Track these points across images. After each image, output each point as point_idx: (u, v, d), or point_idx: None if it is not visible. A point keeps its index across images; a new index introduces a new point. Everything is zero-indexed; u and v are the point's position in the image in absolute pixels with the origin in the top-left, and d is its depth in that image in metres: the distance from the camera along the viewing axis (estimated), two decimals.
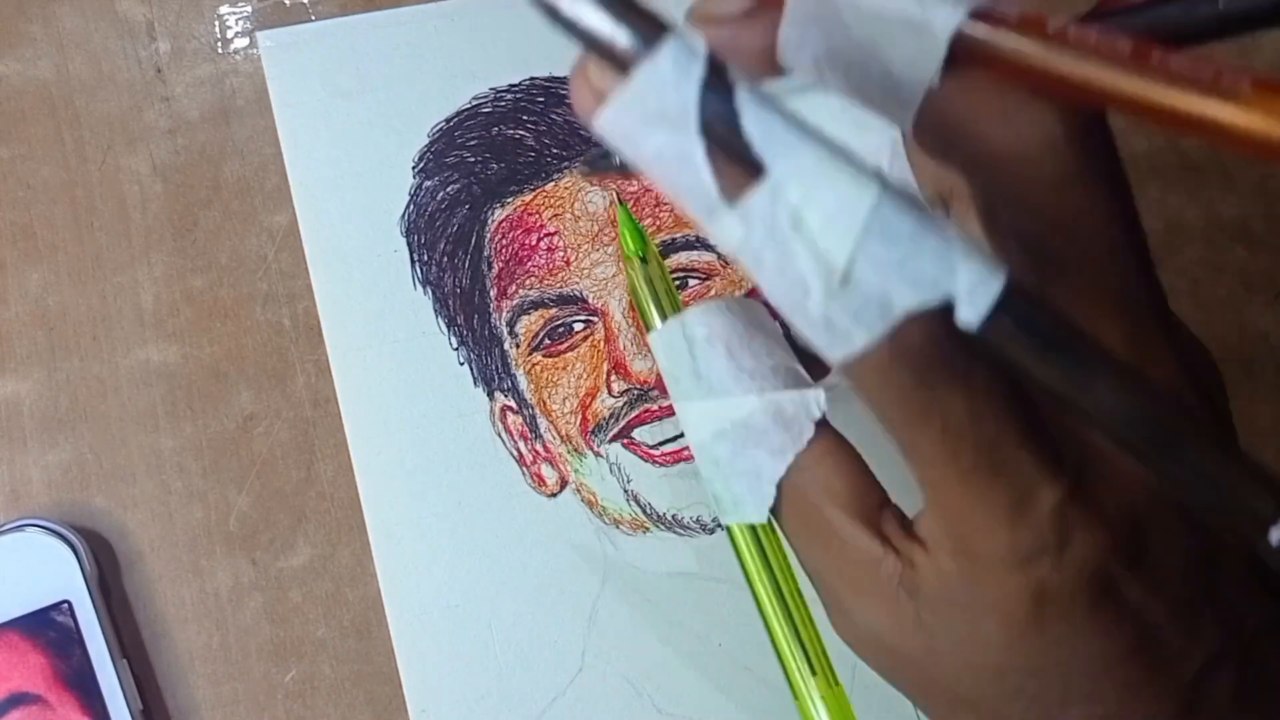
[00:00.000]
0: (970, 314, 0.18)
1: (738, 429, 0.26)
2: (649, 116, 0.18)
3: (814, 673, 0.27)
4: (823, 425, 0.25)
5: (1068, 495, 0.20)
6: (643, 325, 0.30)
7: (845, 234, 0.18)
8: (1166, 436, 0.18)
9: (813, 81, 0.22)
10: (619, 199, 0.33)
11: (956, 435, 0.20)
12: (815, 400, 0.26)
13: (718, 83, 0.18)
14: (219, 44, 0.44)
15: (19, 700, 0.35)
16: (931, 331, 0.19)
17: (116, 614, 0.37)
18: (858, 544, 0.23)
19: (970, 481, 0.20)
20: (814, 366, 0.28)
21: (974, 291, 0.18)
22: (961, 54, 0.20)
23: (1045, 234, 0.21)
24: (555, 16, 0.18)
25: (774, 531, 0.27)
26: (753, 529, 0.27)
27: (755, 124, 0.18)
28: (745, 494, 0.26)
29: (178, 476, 0.39)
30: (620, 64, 0.18)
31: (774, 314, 0.28)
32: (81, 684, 0.35)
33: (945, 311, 0.18)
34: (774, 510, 0.25)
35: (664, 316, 0.30)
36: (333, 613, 0.39)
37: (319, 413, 0.40)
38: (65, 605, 0.36)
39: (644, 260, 0.30)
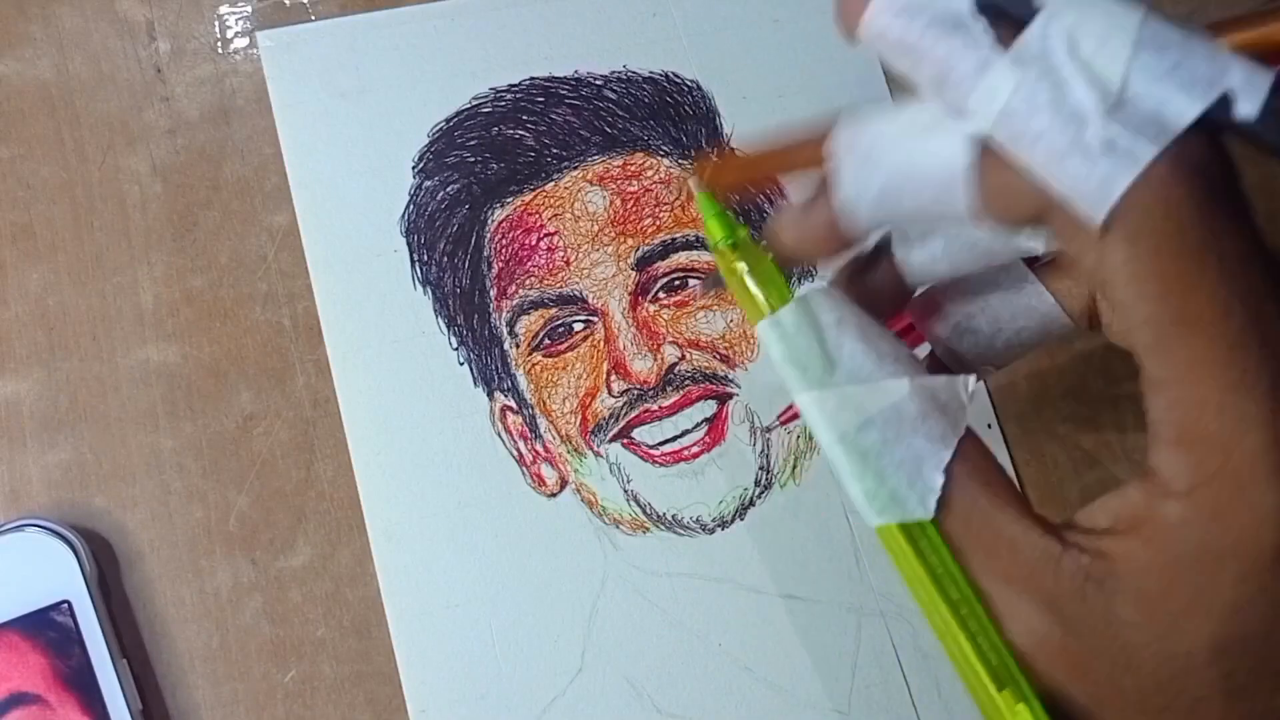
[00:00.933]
0: (1249, 106, 0.18)
1: (889, 415, 0.23)
2: None
3: (1000, 687, 0.23)
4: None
5: None
6: (747, 314, 0.27)
7: (1119, 49, 0.19)
8: None
9: (880, 219, 0.24)
10: (695, 184, 0.30)
11: (1230, 285, 0.18)
12: (965, 385, 0.24)
13: None
14: (219, 44, 0.43)
15: (19, 700, 0.35)
16: (1211, 151, 0.19)
17: (116, 614, 0.37)
18: (1031, 541, 0.22)
19: (1236, 352, 0.18)
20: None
21: (1248, 85, 0.19)
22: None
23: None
24: None
25: (927, 531, 0.23)
26: (906, 530, 0.23)
27: None
28: (904, 488, 0.23)
29: (178, 476, 0.39)
30: None
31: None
32: (81, 684, 0.35)
33: (1220, 135, 0.19)
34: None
35: (770, 306, 0.26)
36: (333, 613, 0.39)
37: (319, 413, 0.40)
38: (65, 605, 0.35)
39: (735, 247, 0.27)
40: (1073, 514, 0.23)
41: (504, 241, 0.42)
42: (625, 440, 0.41)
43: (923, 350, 0.28)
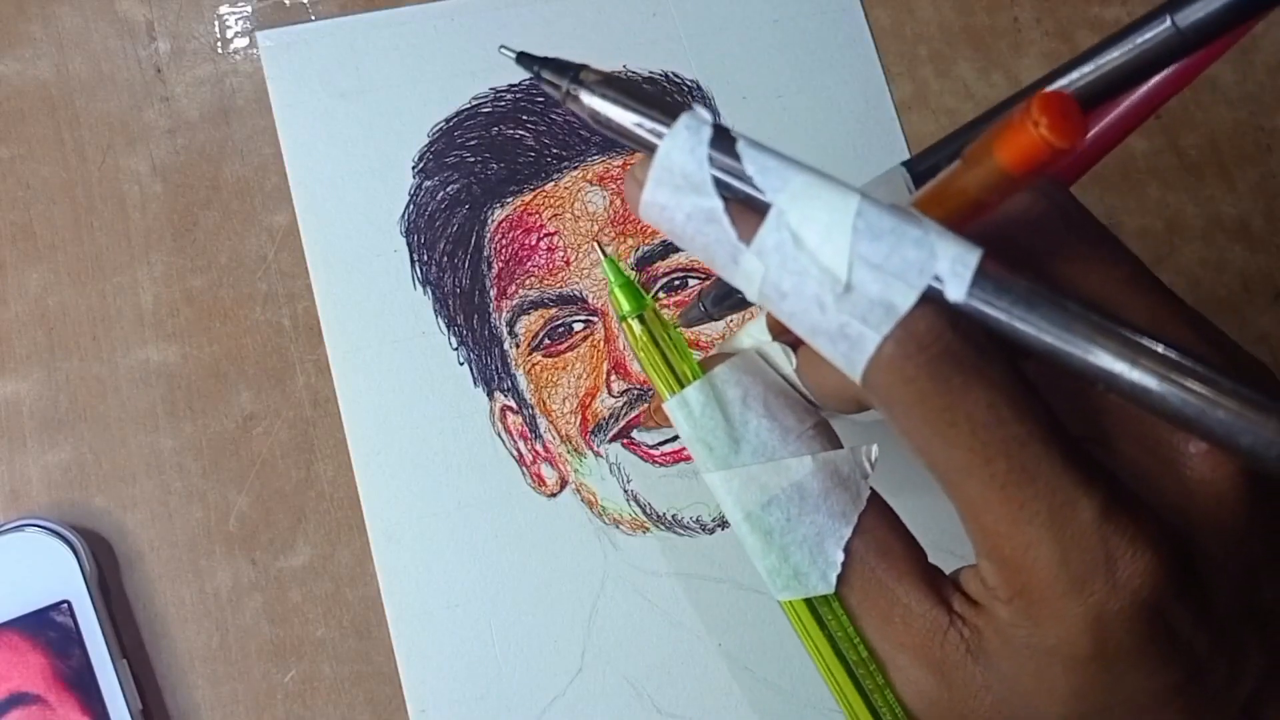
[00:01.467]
0: (957, 289, 0.20)
1: (792, 494, 0.24)
2: (677, 185, 0.22)
3: None
4: (872, 491, 0.25)
5: (1106, 504, 0.20)
6: (656, 390, 0.27)
7: (840, 240, 0.20)
8: (1169, 372, 0.19)
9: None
10: (603, 251, 0.31)
11: (984, 436, 0.20)
12: (868, 455, 0.25)
13: (722, 138, 0.22)
14: (219, 44, 0.43)
15: (19, 700, 0.35)
16: (936, 323, 0.20)
17: (116, 614, 0.37)
18: (922, 612, 0.23)
19: (1007, 493, 0.20)
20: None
21: (955, 267, 0.20)
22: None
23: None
24: (603, 125, 0.23)
25: (830, 600, 0.24)
26: (808, 602, 0.24)
27: (753, 163, 0.21)
28: (806, 564, 0.24)
29: (177, 476, 0.39)
30: (650, 150, 0.22)
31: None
32: (81, 684, 0.35)
33: (945, 306, 0.20)
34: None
35: (678, 380, 0.27)
36: (333, 613, 0.39)
37: (319, 412, 0.40)
38: (65, 605, 0.35)
39: (642, 320, 0.27)
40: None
41: (504, 241, 0.42)
42: (625, 440, 0.41)
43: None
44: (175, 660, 0.37)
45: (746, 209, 0.22)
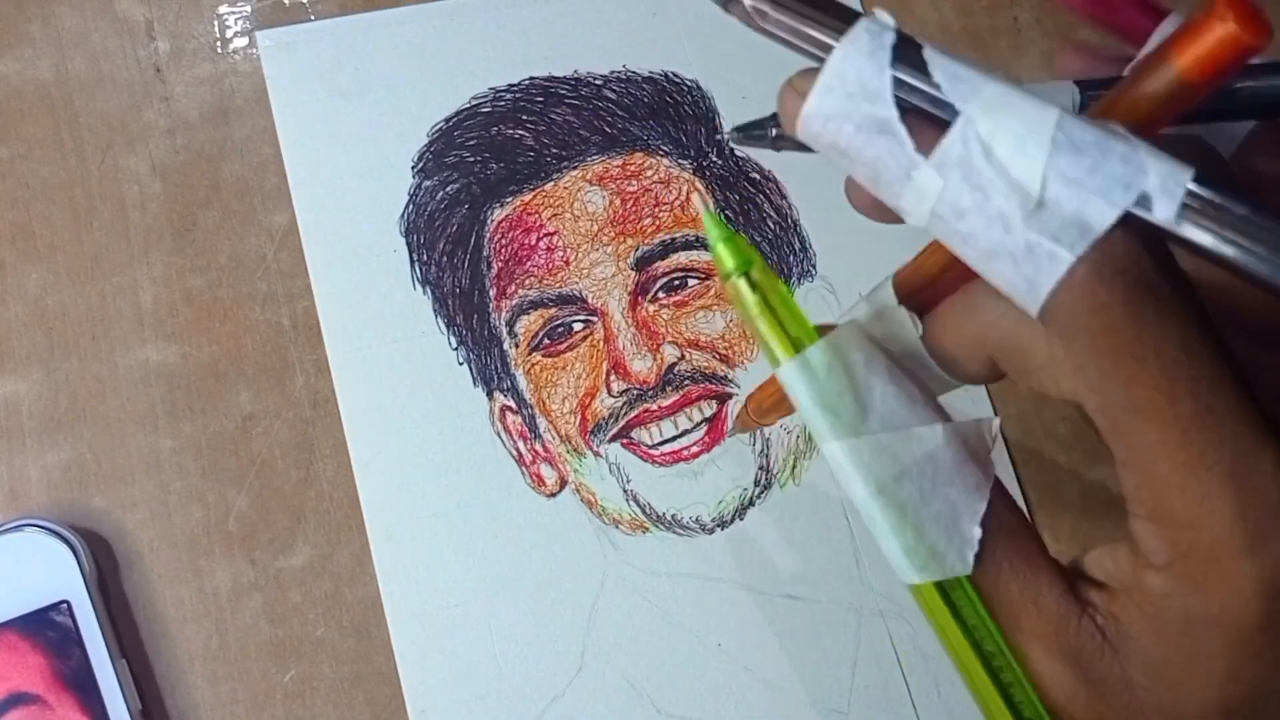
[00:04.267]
0: (1167, 208, 0.19)
1: (924, 466, 0.22)
2: (849, 94, 0.21)
3: None
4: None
5: None
6: (768, 352, 0.24)
7: (1035, 153, 0.19)
8: None
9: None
10: (704, 204, 0.29)
11: (1173, 374, 0.18)
12: (990, 429, 0.23)
13: (905, 46, 0.21)
14: (218, 44, 0.43)
15: (18, 700, 0.35)
16: (1134, 248, 0.19)
17: (115, 614, 0.37)
18: (1051, 599, 0.22)
19: (1189, 437, 0.19)
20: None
21: (1165, 185, 0.19)
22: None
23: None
24: (757, 22, 0.22)
25: (964, 583, 0.22)
26: (940, 585, 0.22)
27: (942, 71, 0.20)
28: (943, 542, 0.22)
29: (177, 476, 0.39)
30: (819, 54, 0.21)
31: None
32: (80, 684, 0.35)
33: (1145, 232, 0.19)
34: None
35: (793, 343, 0.23)
36: (332, 613, 0.39)
37: (318, 412, 0.40)
38: (64, 605, 0.35)
39: (749, 279, 0.24)
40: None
41: (503, 241, 0.42)
42: (625, 440, 0.41)
43: None
44: (175, 660, 0.37)
45: (924, 122, 0.20)
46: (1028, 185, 0.19)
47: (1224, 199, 0.19)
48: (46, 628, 0.35)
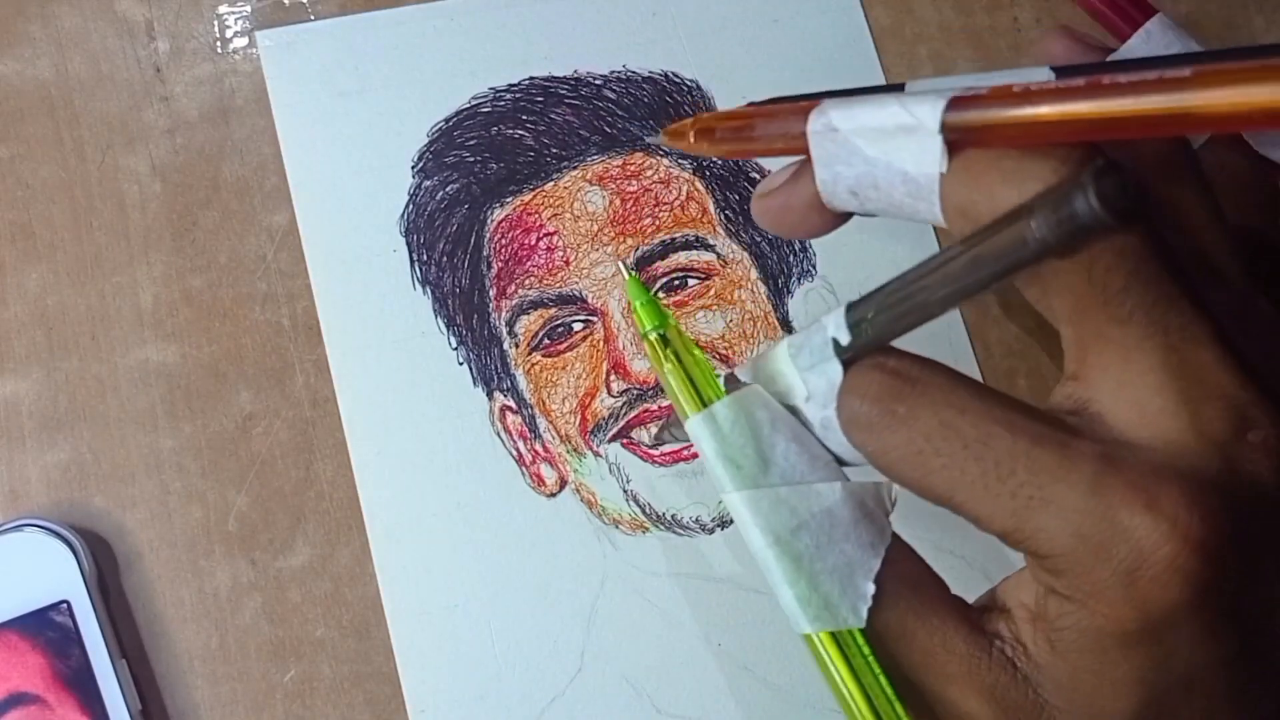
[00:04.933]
0: (840, 333, 0.23)
1: (822, 520, 0.23)
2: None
3: None
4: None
5: (1096, 474, 0.20)
6: (680, 409, 0.26)
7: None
8: None
9: (856, 208, 0.25)
10: (626, 270, 0.31)
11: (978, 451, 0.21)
12: (889, 492, 0.24)
13: None
14: (218, 43, 0.43)
15: (18, 700, 0.35)
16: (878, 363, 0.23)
17: (115, 614, 0.37)
18: (961, 639, 0.22)
19: (991, 491, 0.21)
20: None
21: (835, 324, 0.23)
22: (956, 139, 0.22)
23: (1068, 292, 0.22)
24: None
25: (856, 635, 0.23)
26: (832, 636, 0.24)
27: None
28: (837, 595, 0.23)
29: (177, 476, 0.39)
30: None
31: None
32: (80, 684, 0.35)
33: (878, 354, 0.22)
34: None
35: (702, 400, 0.26)
36: (332, 613, 0.39)
37: (318, 412, 0.40)
38: (64, 605, 0.35)
39: (664, 339, 0.26)
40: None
41: (503, 241, 0.42)
42: (625, 440, 0.41)
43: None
44: (174, 660, 0.37)
45: None
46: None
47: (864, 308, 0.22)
48: (46, 628, 0.35)
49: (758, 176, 0.44)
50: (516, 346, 0.42)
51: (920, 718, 0.23)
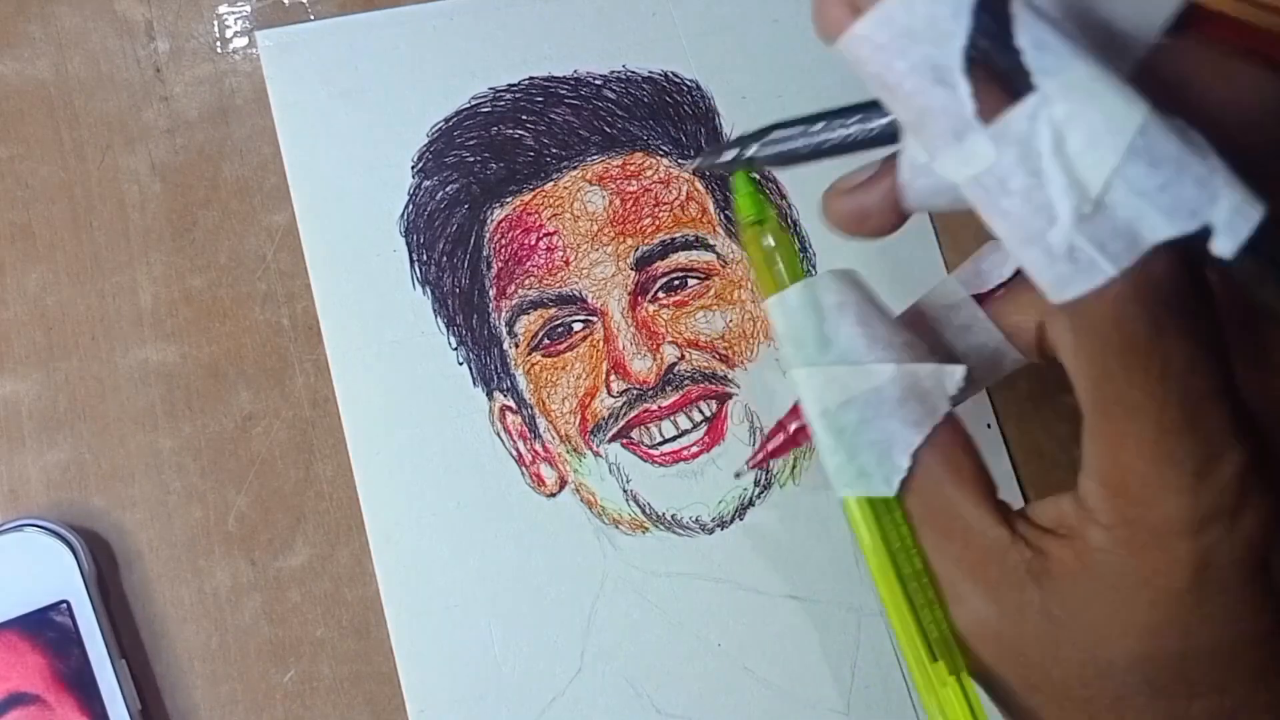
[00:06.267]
0: (1227, 245, 0.18)
1: (869, 397, 0.24)
2: (912, 29, 0.18)
3: (934, 659, 0.24)
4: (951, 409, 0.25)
5: (1249, 462, 0.20)
6: (761, 290, 0.28)
7: (1108, 154, 0.18)
8: None
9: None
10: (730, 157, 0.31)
11: (1171, 385, 0.19)
12: (952, 376, 0.24)
13: None
14: (218, 43, 0.43)
15: (18, 700, 0.35)
16: (1175, 268, 0.18)
17: (115, 614, 0.37)
18: (983, 529, 0.23)
19: (1167, 439, 0.20)
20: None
21: (1233, 221, 0.18)
22: (1187, 15, 0.20)
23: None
24: None
25: (893, 509, 0.25)
26: (870, 505, 0.25)
27: (1029, 35, 0.18)
28: (873, 465, 0.24)
29: (176, 476, 0.39)
30: None
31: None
32: (80, 684, 0.35)
33: (1190, 250, 0.18)
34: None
35: (784, 282, 0.27)
36: (331, 613, 0.39)
37: (318, 412, 0.40)
38: (64, 605, 0.35)
39: (762, 223, 0.28)
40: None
41: (503, 241, 0.42)
42: (624, 440, 0.41)
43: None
44: (174, 660, 0.37)
45: (991, 81, 0.18)
46: (1089, 185, 0.18)
47: None
48: (46, 628, 0.35)
49: (757, 176, 0.44)
50: (516, 346, 0.42)
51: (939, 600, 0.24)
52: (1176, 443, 0.20)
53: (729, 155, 0.29)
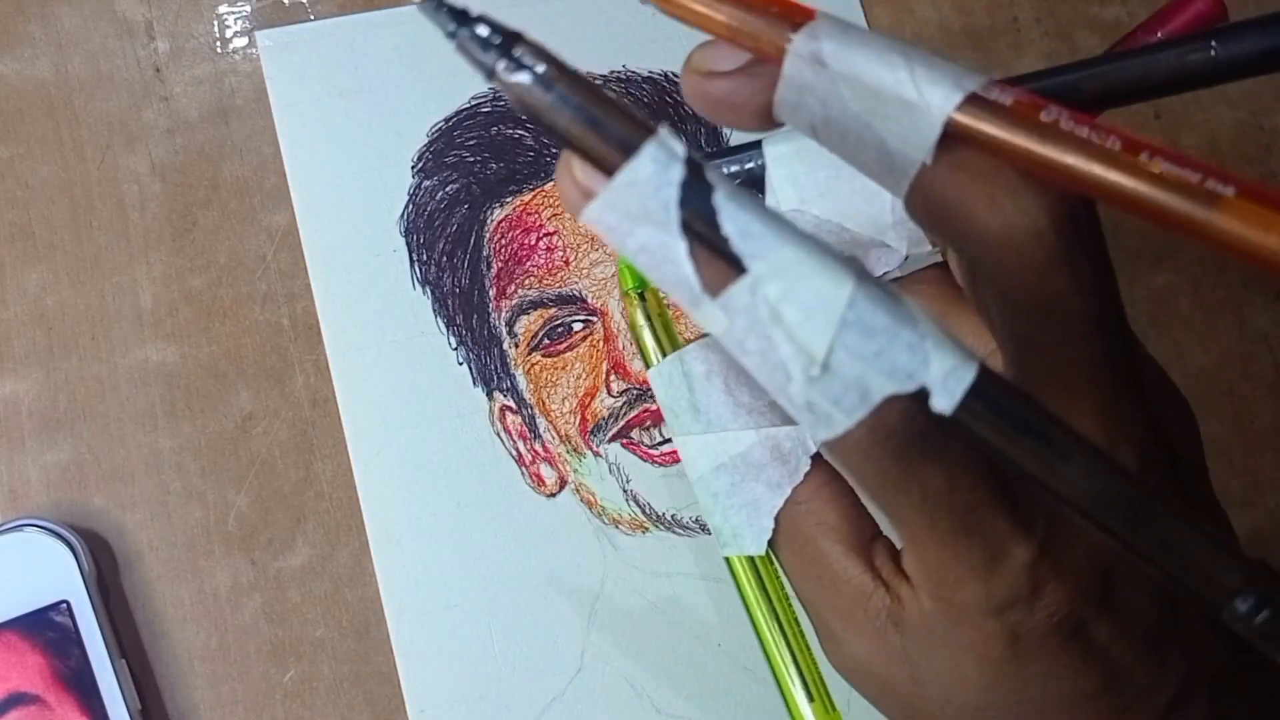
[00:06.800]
0: (944, 402, 0.19)
1: (736, 463, 0.26)
2: (633, 214, 0.19)
3: (811, 699, 0.27)
4: (819, 460, 0.26)
5: (1038, 553, 0.21)
6: (643, 362, 0.31)
7: (823, 328, 0.19)
8: (1133, 514, 0.19)
9: (809, 137, 0.23)
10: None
11: (934, 504, 0.21)
12: (806, 443, 0.26)
13: (697, 182, 0.19)
14: (218, 43, 0.43)
15: (18, 700, 0.35)
16: (908, 413, 0.20)
17: (115, 614, 0.37)
18: (849, 577, 0.24)
19: (946, 542, 0.21)
20: None
21: (947, 381, 0.19)
22: (955, 134, 0.21)
23: (1026, 315, 0.22)
24: (538, 120, 0.20)
25: (771, 563, 0.28)
26: (750, 560, 0.28)
27: (733, 223, 0.19)
28: (744, 526, 0.26)
29: (176, 476, 0.39)
30: (603, 165, 0.19)
31: None
32: (80, 684, 0.35)
33: (922, 395, 0.19)
34: (771, 543, 0.26)
35: (664, 353, 0.30)
36: (331, 613, 0.39)
37: (318, 412, 0.40)
38: (64, 605, 0.35)
39: (642, 297, 0.30)
40: None
41: (503, 241, 0.42)
42: (625, 440, 0.41)
43: None
44: (174, 660, 0.37)
45: (714, 254, 0.19)
46: (813, 353, 0.19)
47: (1001, 402, 0.19)
48: (46, 628, 0.35)
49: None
50: (516, 346, 0.42)
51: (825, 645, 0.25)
52: (957, 547, 0.21)
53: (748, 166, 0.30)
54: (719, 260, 0.19)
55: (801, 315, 0.19)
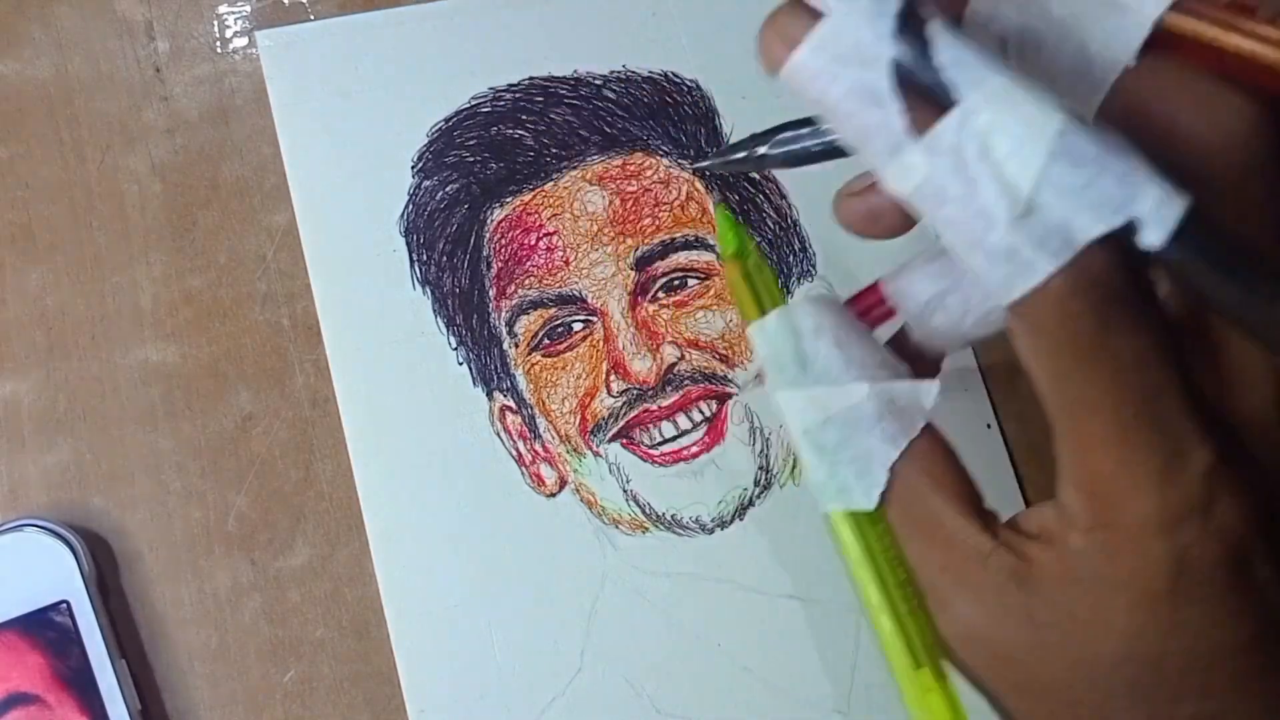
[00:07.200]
0: (1155, 235, 0.19)
1: (847, 415, 0.25)
2: (841, 55, 0.20)
3: (918, 666, 0.25)
4: (928, 421, 0.25)
5: (1217, 459, 0.20)
6: (743, 317, 0.29)
7: (1032, 158, 0.19)
8: None
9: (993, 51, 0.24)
10: (720, 200, 0.31)
11: (1125, 380, 0.20)
12: (927, 392, 0.25)
13: (911, 18, 0.19)
14: (218, 43, 0.43)
15: (18, 700, 0.35)
16: (1113, 263, 0.19)
17: (115, 614, 0.37)
18: (966, 537, 0.23)
19: (1128, 435, 0.20)
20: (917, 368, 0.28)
21: (1158, 213, 0.19)
22: (1160, 38, 0.21)
23: (1226, 219, 0.21)
24: None
25: (877, 521, 0.26)
26: (854, 517, 0.26)
27: (947, 53, 0.19)
28: (853, 480, 0.25)
29: (176, 476, 0.39)
30: (813, 12, 0.20)
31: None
32: (80, 684, 0.35)
33: (1126, 246, 0.19)
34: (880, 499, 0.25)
35: (763, 311, 0.29)
36: (331, 613, 0.39)
37: (318, 412, 0.40)
38: (64, 605, 0.35)
39: (742, 256, 0.29)
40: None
41: (503, 241, 0.42)
42: (625, 440, 0.41)
43: (892, 327, 0.29)
44: (174, 660, 0.37)
45: (921, 98, 0.20)
46: (1019, 188, 0.19)
47: (1212, 234, 0.19)
48: (46, 628, 0.35)
49: (757, 176, 0.44)
50: (516, 346, 0.42)
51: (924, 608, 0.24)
52: (1138, 440, 0.20)
53: (740, 155, 0.30)
54: (923, 101, 0.20)
55: (1011, 145, 0.19)
